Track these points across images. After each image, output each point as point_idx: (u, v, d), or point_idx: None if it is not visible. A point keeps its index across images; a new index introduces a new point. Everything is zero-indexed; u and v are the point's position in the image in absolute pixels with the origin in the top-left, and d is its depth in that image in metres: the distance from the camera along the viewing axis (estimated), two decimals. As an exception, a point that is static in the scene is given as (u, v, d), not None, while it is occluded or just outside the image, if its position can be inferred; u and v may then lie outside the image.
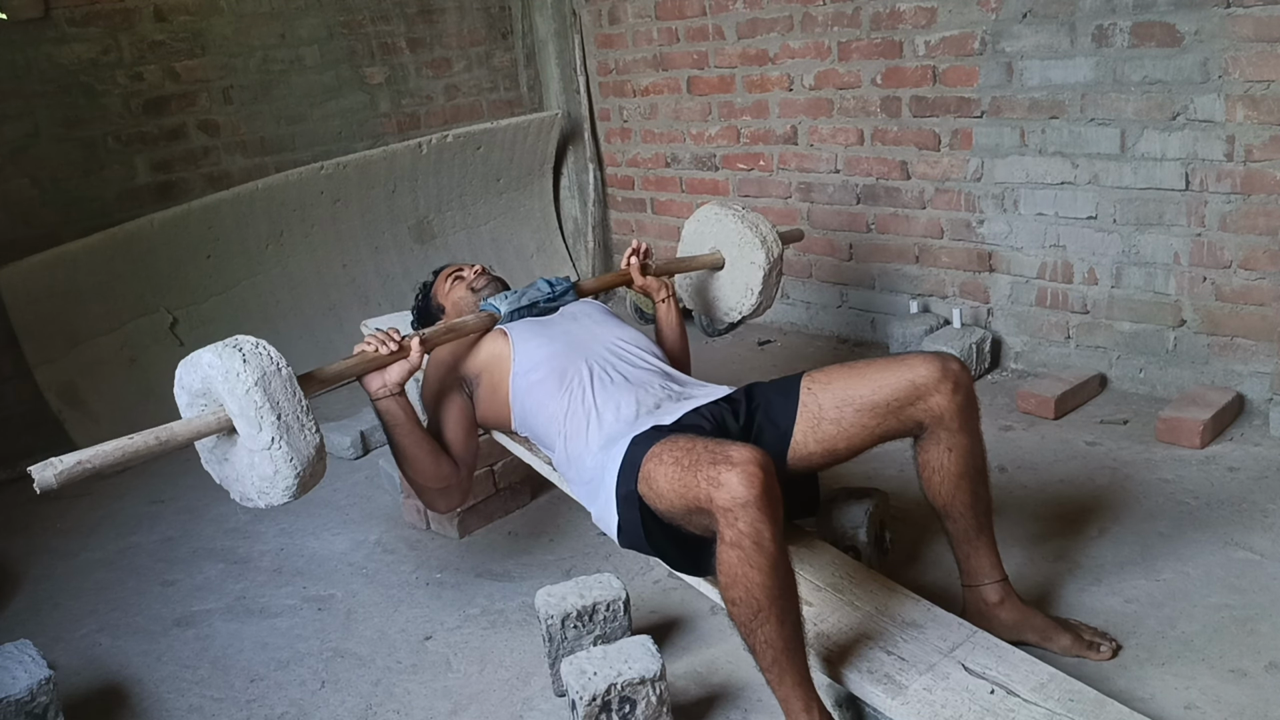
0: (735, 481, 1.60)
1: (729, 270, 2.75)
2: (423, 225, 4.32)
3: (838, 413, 1.93)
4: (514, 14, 4.70)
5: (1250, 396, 2.98)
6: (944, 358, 1.92)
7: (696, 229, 2.83)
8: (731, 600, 1.67)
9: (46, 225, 3.49)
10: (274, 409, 1.73)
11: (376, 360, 2.04)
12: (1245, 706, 1.82)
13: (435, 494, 2.17)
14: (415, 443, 2.09)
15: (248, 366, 1.73)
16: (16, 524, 3.08)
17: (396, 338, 2.06)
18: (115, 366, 3.55)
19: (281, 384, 1.76)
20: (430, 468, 2.11)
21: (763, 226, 2.72)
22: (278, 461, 1.74)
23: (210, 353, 1.75)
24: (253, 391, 1.71)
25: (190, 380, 1.81)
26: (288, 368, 1.78)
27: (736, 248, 2.73)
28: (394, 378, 2.05)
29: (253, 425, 1.73)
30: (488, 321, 2.29)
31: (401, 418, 2.06)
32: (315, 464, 1.79)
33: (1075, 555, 2.34)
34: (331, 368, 2.00)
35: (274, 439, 1.72)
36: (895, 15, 3.50)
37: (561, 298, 2.41)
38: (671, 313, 2.57)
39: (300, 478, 1.76)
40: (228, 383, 1.73)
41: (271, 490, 1.77)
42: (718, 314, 2.84)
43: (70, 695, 2.19)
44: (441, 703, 2.09)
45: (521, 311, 2.33)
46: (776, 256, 2.71)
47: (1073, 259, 3.27)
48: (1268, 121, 2.78)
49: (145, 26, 3.68)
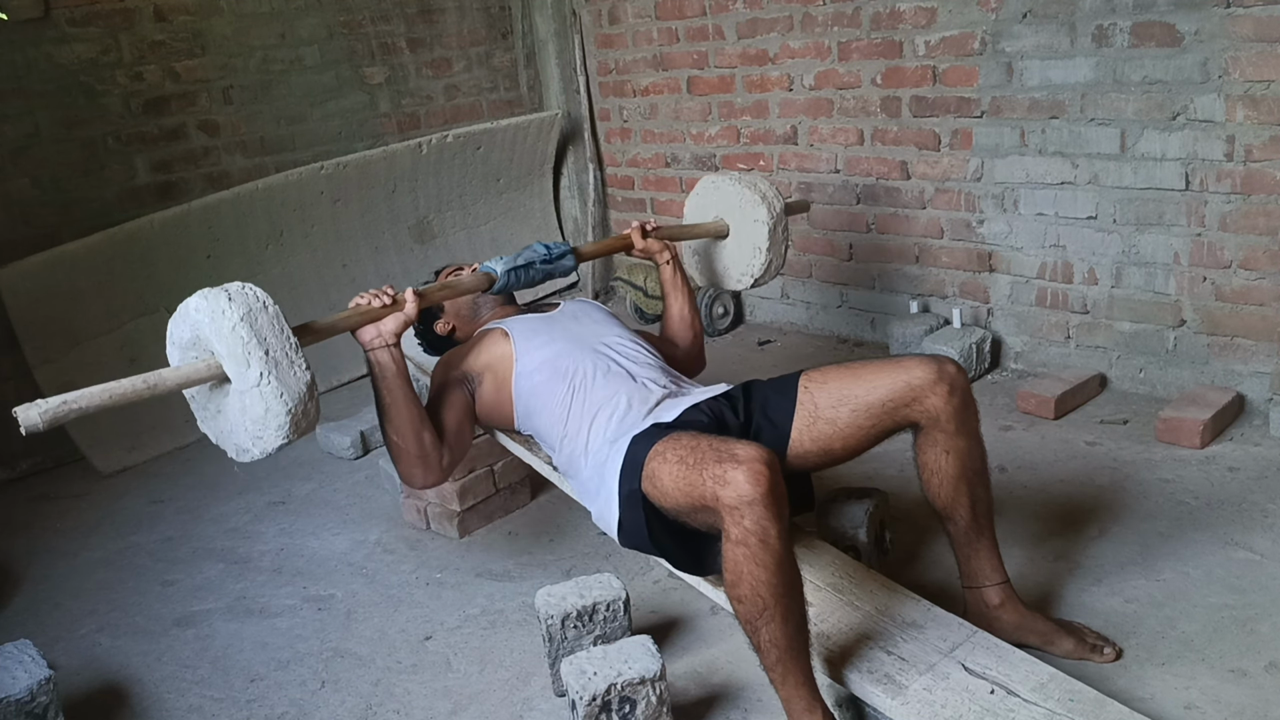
0: (741, 479, 1.61)
1: (734, 235, 2.73)
2: (423, 225, 4.32)
3: (833, 412, 1.93)
4: (514, 14, 4.70)
5: (1250, 396, 2.98)
6: (940, 360, 1.92)
7: (698, 202, 2.81)
8: (737, 598, 1.67)
9: (46, 225, 3.48)
10: (261, 344, 1.71)
11: (371, 313, 2.03)
12: (1245, 706, 1.82)
13: (412, 462, 2.08)
14: (403, 400, 2.04)
15: (233, 304, 1.72)
16: (16, 524, 3.08)
17: (391, 291, 2.06)
18: (115, 366, 3.54)
19: (269, 320, 1.75)
20: (412, 431, 2.05)
21: (761, 184, 2.69)
22: (268, 399, 1.71)
23: (196, 298, 1.75)
24: (239, 327, 1.70)
25: (180, 332, 1.80)
26: (274, 306, 1.77)
27: (739, 210, 2.69)
28: (389, 328, 2.03)
29: (240, 363, 1.71)
30: (484, 282, 2.27)
31: (393, 370, 2.03)
32: (307, 402, 1.76)
33: (1075, 555, 2.34)
34: (326, 320, 1.98)
35: (263, 374, 1.70)
36: (895, 15, 3.50)
37: (558, 261, 2.37)
38: (677, 276, 2.56)
39: (292, 415, 1.73)
40: (214, 322, 1.71)
41: (264, 432, 1.74)
42: (730, 282, 2.80)
43: (70, 695, 2.19)
44: (441, 703, 2.09)
45: (517, 272, 2.30)
46: (779, 211, 2.68)
47: (1073, 259, 3.27)
48: (1268, 121, 2.78)
49: (145, 26, 3.68)
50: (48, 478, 3.40)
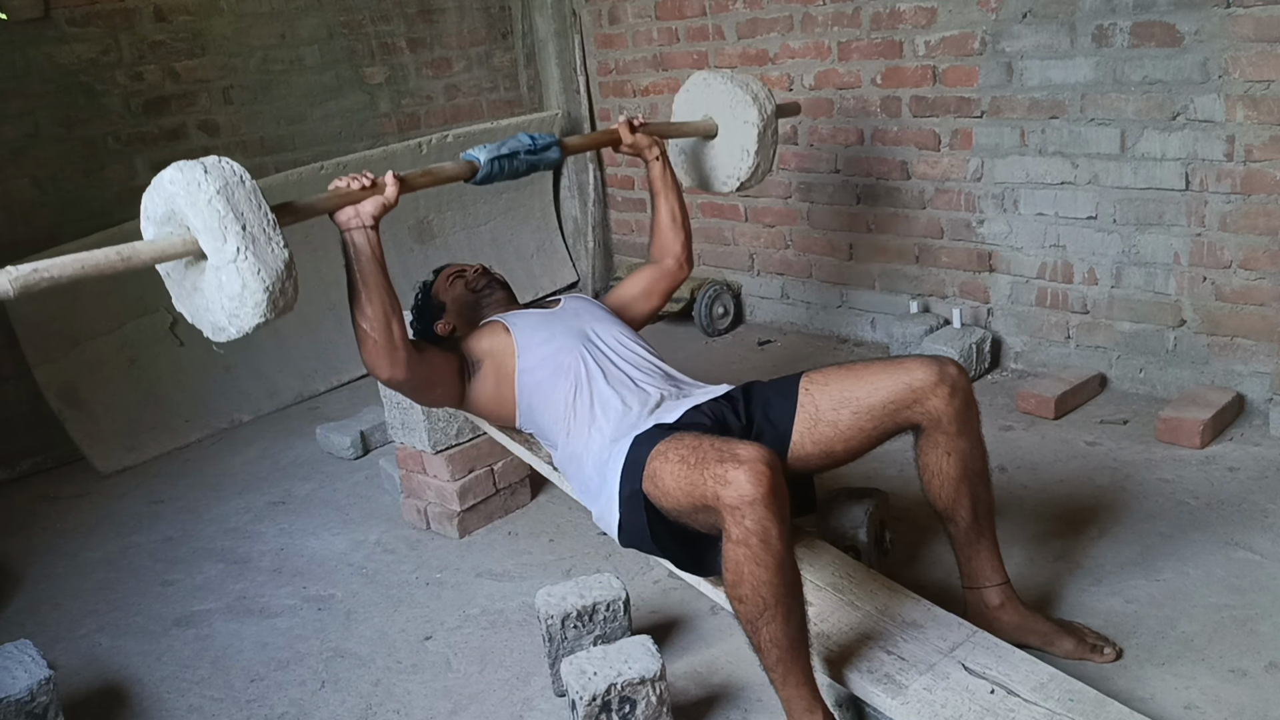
0: (743, 479, 1.61)
1: (723, 135, 2.65)
2: (423, 225, 4.32)
3: (834, 415, 1.93)
4: (514, 14, 4.70)
5: (1250, 396, 2.98)
6: (941, 361, 1.92)
7: (687, 99, 2.73)
8: (737, 598, 1.67)
9: (46, 225, 3.48)
10: (238, 219, 1.68)
11: (350, 195, 2.00)
12: (1245, 706, 1.82)
13: (378, 351, 2.05)
14: (375, 286, 2.02)
15: (209, 176, 1.69)
16: (16, 524, 3.08)
17: (371, 175, 2.04)
18: (115, 366, 3.55)
19: (245, 195, 1.71)
20: (382, 318, 2.02)
21: (754, 84, 2.63)
22: (245, 274, 1.68)
23: (172, 169, 1.71)
24: (215, 200, 1.67)
25: (155, 208, 1.76)
26: (252, 181, 1.74)
27: (728, 109, 2.62)
28: (366, 210, 2.01)
29: (216, 237, 1.67)
30: (467, 170, 2.22)
31: (368, 253, 2.01)
32: (284, 280, 1.73)
33: (1075, 555, 2.34)
34: (305, 200, 1.95)
35: (239, 249, 1.67)
36: (895, 15, 3.50)
37: (543, 152, 2.30)
38: (666, 173, 2.54)
39: (269, 292, 1.70)
40: (190, 195, 1.68)
41: (241, 310, 1.71)
42: (716, 184, 2.73)
43: (70, 695, 2.19)
44: (441, 703, 2.09)
45: (501, 161, 2.23)
46: (770, 113, 2.61)
47: (1073, 259, 3.27)
48: (1268, 121, 2.78)
49: (145, 26, 3.68)
50: (48, 478, 3.40)
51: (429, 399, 2.32)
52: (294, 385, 3.93)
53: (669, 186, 2.55)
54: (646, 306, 2.55)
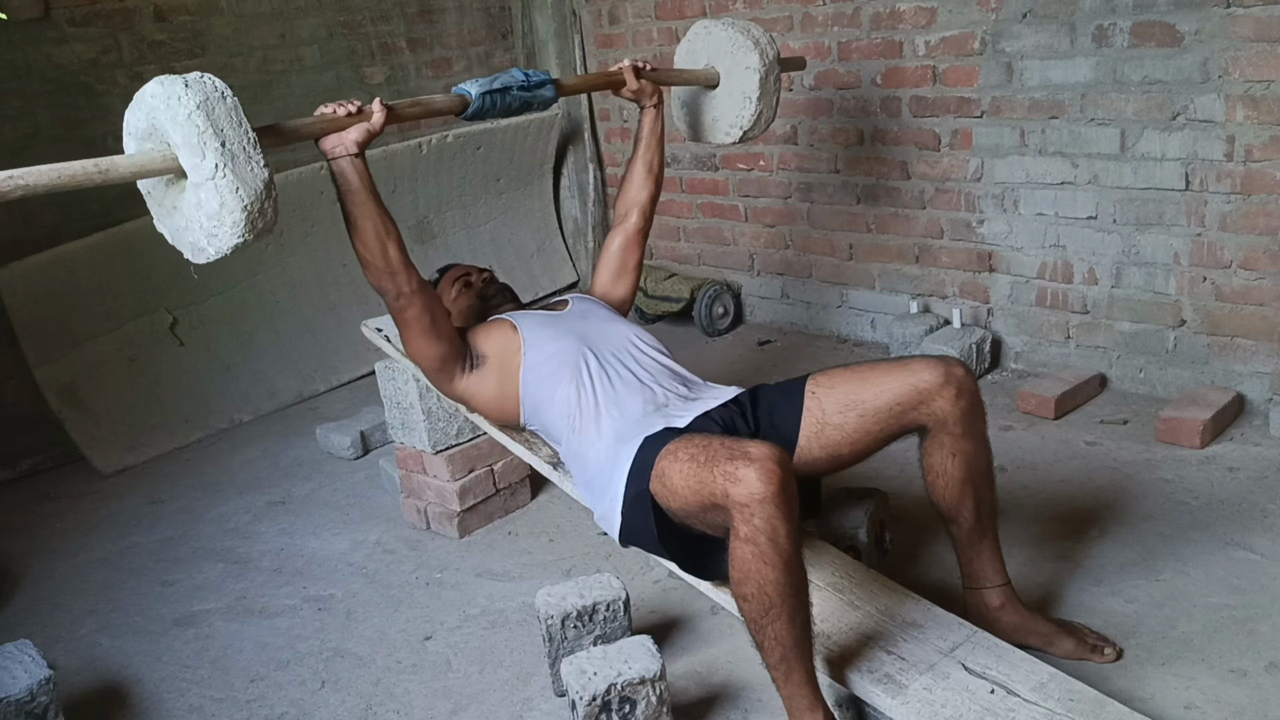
0: (753, 477, 1.60)
1: (725, 84, 2.62)
2: (423, 225, 4.32)
3: (841, 417, 1.92)
4: (514, 14, 4.70)
5: (1250, 396, 2.98)
6: (948, 362, 1.92)
7: (689, 48, 2.70)
8: (743, 596, 1.67)
9: (46, 225, 3.48)
10: (217, 135, 1.66)
11: (336, 121, 1.99)
12: (1245, 706, 1.82)
13: (381, 274, 2.07)
14: (366, 212, 2.01)
15: (190, 91, 1.66)
16: (16, 524, 3.08)
17: (358, 102, 2.02)
18: (115, 366, 3.55)
19: (226, 111, 1.69)
20: (377, 242, 2.03)
21: (754, 30, 2.60)
22: (223, 193, 1.66)
23: (153, 84, 1.70)
24: (195, 115, 1.65)
25: (136, 123, 1.75)
26: (233, 98, 1.72)
27: (730, 56, 2.59)
28: (352, 136, 2.00)
29: (195, 153, 1.66)
30: (457, 104, 2.20)
31: (355, 181, 2.00)
32: (264, 200, 1.71)
33: (1075, 555, 2.34)
34: (290, 123, 1.93)
35: (218, 166, 1.65)
36: (895, 15, 3.50)
37: (537, 89, 2.26)
38: (658, 124, 2.54)
39: (248, 211, 1.68)
40: (169, 109, 1.66)
41: (219, 229, 1.69)
42: (719, 134, 2.69)
43: (70, 695, 2.19)
44: (441, 703, 2.09)
45: (493, 96, 2.20)
46: (772, 59, 2.58)
47: (1073, 259, 3.27)
48: (1268, 121, 2.78)
49: (145, 26, 3.68)
50: (48, 478, 3.40)
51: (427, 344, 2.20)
52: (294, 385, 3.93)
53: (656, 138, 2.54)
54: (624, 288, 2.55)
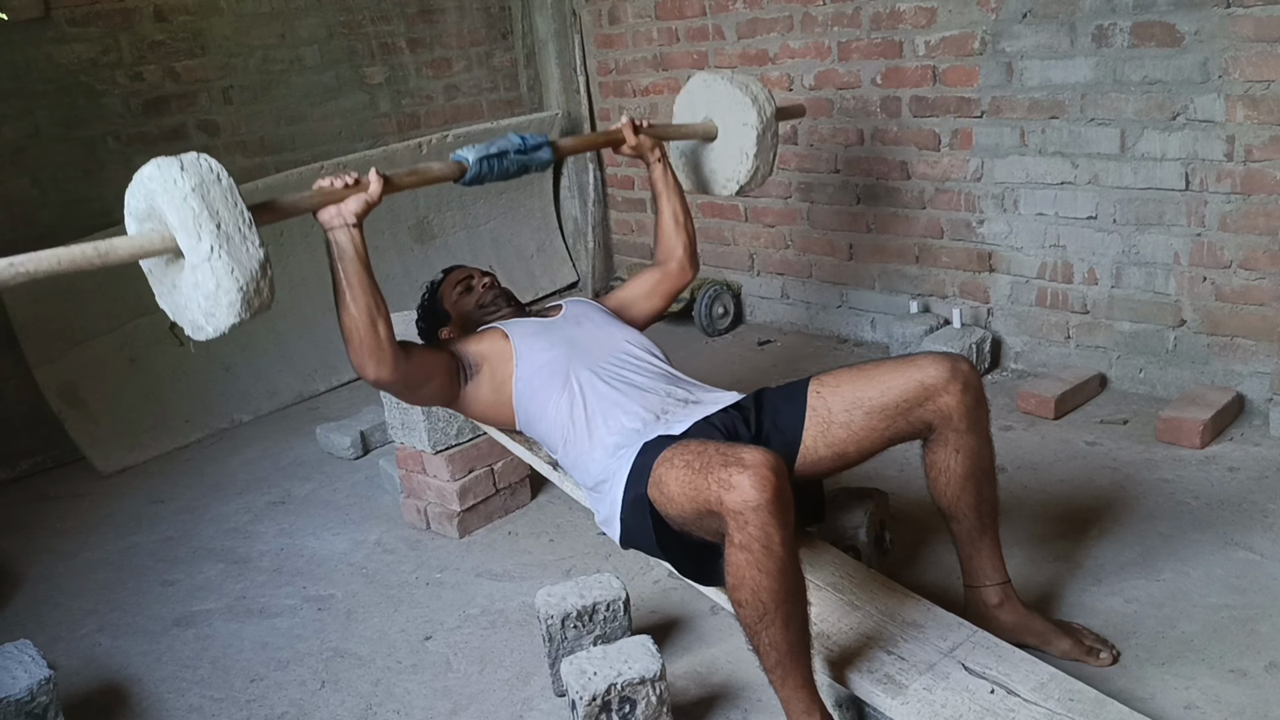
0: (747, 484, 1.59)
1: (723, 137, 2.63)
2: (423, 225, 4.32)
3: (847, 416, 1.92)
4: (514, 14, 4.70)
5: (1250, 396, 2.98)
6: (953, 358, 1.92)
7: (688, 101, 2.72)
8: (738, 601, 1.67)
9: (46, 225, 3.48)
10: (213, 217, 1.68)
11: (333, 194, 1.99)
12: (1245, 706, 1.82)
13: (364, 351, 2.04)
14: (359, 285, 2.01)
15: (185, 174, 1.69)
16: (16, 524, 3.08)
17: (355, 174, 2.03)
18: (115, 366, 3.55)
19: (221, 193, 1.71)
20: (366, 318, 2.01)
21: (753, 86, 2.61)
22: (219, 274, 1.68)
23: (150, 165, 1.72)
24: (190, 198, 1.67)
25: (135, 203, 1.77)
26: (229, 178, 1.74)
27: (728, 111, 2.60)
28: (350, 208, 1.99)
29: (191, 235, 1.68)
30: (455, 170, 2.20)
31: (350, 252, 2.00)
32: (259, 280, 1.73)
33: (1076, 555, 2.34)
34: (287, 198, 1.94)
35: (213, 248, 1.67)
36: (895, 15, 3.50)
37: (534, 152, 2.25)
38: (668, 174, 2.53)
39: (243, 292, 1.70)
40: (166, 192, 1.68)
41: (216, 309, 1.71)
42: (716, 187, 2.70)
43: (70, 695, 2.19)
44: (441, 703, 2.09)
45: (490, 161, 2.20)
46: (770, 115, 2.59)
47: (1073, 259, 3.27)
48: (1268, 121, 2.78)
49: (145, 26, 3.68)
50: (48, 478, 3.40)
51: (418, 398, 2.28)
52: (294, 385, 3.93)
53: (671, 188, 2.54)
54: (648, 307, 2.55)
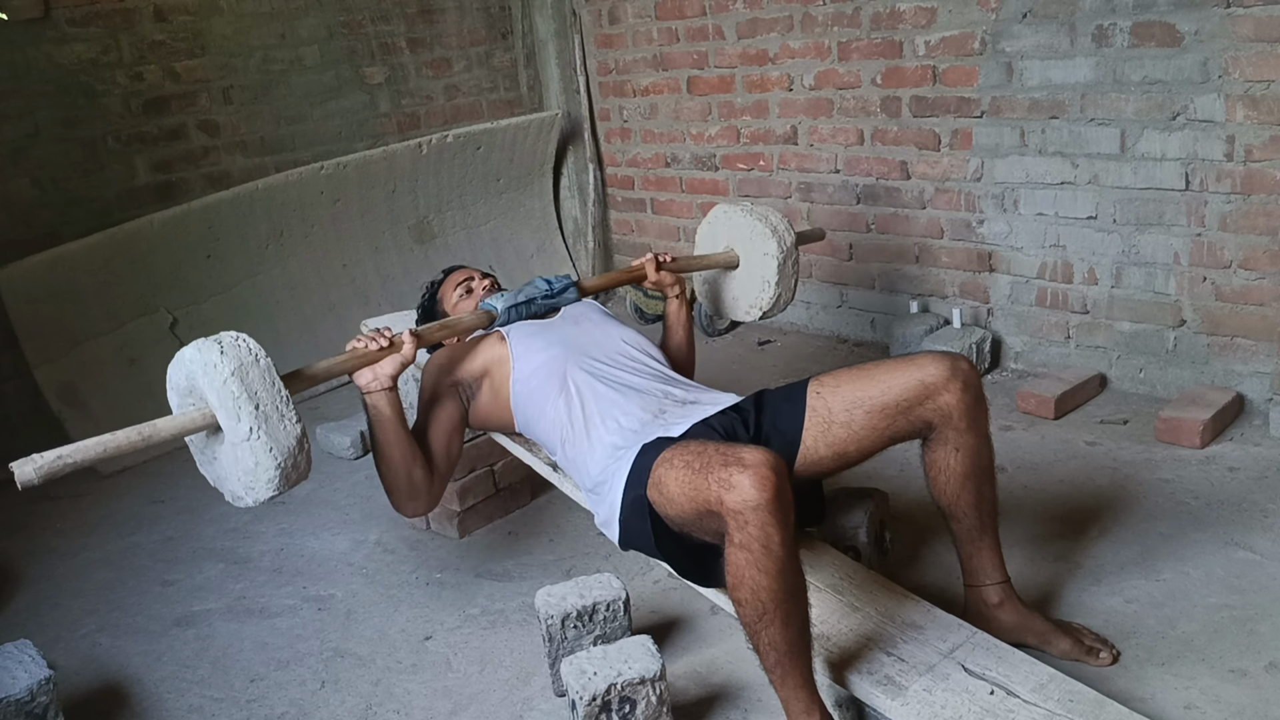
0: (747, 484, 1.59)
1: (744, 267, 2.70)
2: (423, 225, 4.32)
3: (848, 416, 1.92)
4: (514, 14, 4.70)
5: (1250, 396, 2.98)
6: (953, 357, 1.92)
7: (710, 231, 2.80)
8: (738, 601, 1.67)
9: (46, 225, 3.48)
10: (251, 399, 1.72)
11: (367, 356, 2.01)
12: (1245, 706, 1.82)
13: (403, 497, 2.10)
14: (397, 443, 2.04)
15: (225, 358, 1.73)
16: (16, 524, 3.08)
17: (389, 334, 2.04)
18: (115, 366, 3.55)
19: (259, 374, 1.75)
20: (405, 471, 2.06)
21: (773, 217, 2.67)
22: (258, 453, 1.73)
23: (191, 348, 1.77)
24: (230, 382, 1.71)
25: (178, 379, 1.83)
26: (266, 359, 1.78)
27: (749, 241, 2.67)
28: (386, 370, 2.01)
29: (231, 416, 1.73)
30: (484, 320, 2.27)
31: (388, 414, 2.02)
32: (296, 455, 1.77)
33: (1076, 555, 2.34)
34: (321, 364, 1.98)
35: (252, 429, 1.72)
36: (895, 15, 3.50)
37: (561, 295, 2.37)
38: (683, 312, 2.56)
39: (281, 469, 1.75)
40: (207, 375, 1.73)
41: (255, 484, 1.76)
42: (739, 313, 2.77)
43: (70, 695, 2.19)
44: (441, 703, 2.09)
45: (519, 309, 2.30)
46: (790, 245, 2.65)
47: (1073, 259, 3.27)
48: (1268, 121, 2.78)
49: (145, 26, 3.68)
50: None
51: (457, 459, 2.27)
52: (294, 385, 3.93)
53: (683, 325, 2.57)
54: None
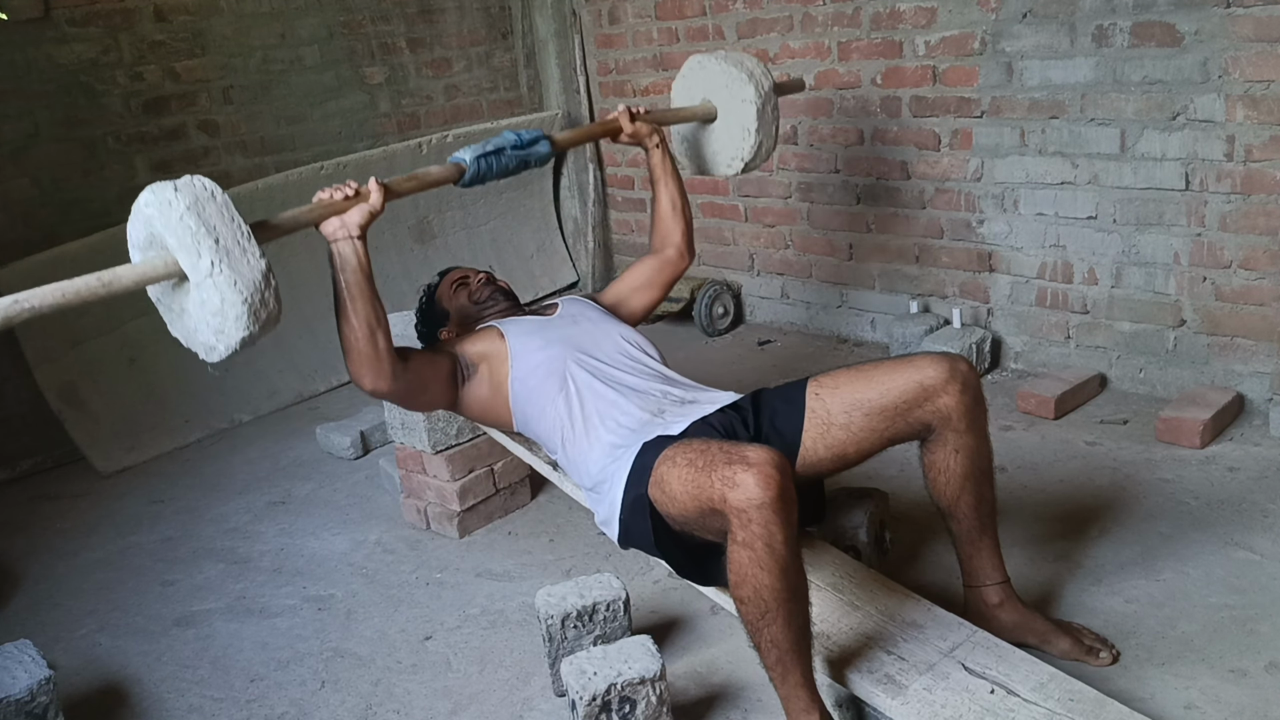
0: (751, 482, 1.59)
1: (723, 118, 2.62)
2: (422, 225, 4.32)
3: (846, 417, 1.92)
4: (514, 14, 4.70)
5: (1250, 396, 2.98)
6: (952, 358, 1.92)
7: (684, 85, 2.71)
8: (740, 599, 1.67)
9: (46, 225, 3.48)
10: (210, 233, 1.69)
11: (334, 206, 1.99)
12: (1245, 706, 1.82)
13: (362, 361, 2.04)
14: (362, 299, 2.00)
15: (179, 194, 1.70)
16: (16, 524, 3.08)
17: (355, 184, 2.02)
18: (115, 366, 3.55)
19: (217, 209, 1.72)
20: (366, 329, 2.01)
21: (748, 62, 2.60)
22: (222, 289, 1.69)
23: (146, 192, 1.73)
24: (186, 216, 1.68)
25: (136, 233, 1.78)
26: (223, 195, 1.75)
27: (725, 90, 2.59)
28: (353, 219, 1.99)
29: (191, 254, 1.69)
30: (454, 172, 2.21)
31: (354, 264, 2.00)
32: (264, 290, 1.73)
33: (1076, 555, 2.34)
34: (287, 214, 1.94)
35: (214, 263, 1.68)
36: (895, 15, 3.50)
37: (531, 147, 2.27)
38: (666, 160, 2.53)
39: (249, 304, 1.71)
40: (163, 215, 1.70)
41: (225, 325, 1.72)
42: (720, 167, 2.70)
43: (70, 695, 2.19)
44: (441, 703, 2.09)
45: (488, 159, 2.21)
46: (768, 90, 2.58)
47: (1073, 259, 3.27)
48: (1268, 121, 2.78)
49: (145, 26, 3.68)
50: (48, 478, 3.40)
51: (417, 405, 2.30)
52: (294, 385, 3.93)
53: (669, 174, 2.54)
54: (646, 298, 2.55)
